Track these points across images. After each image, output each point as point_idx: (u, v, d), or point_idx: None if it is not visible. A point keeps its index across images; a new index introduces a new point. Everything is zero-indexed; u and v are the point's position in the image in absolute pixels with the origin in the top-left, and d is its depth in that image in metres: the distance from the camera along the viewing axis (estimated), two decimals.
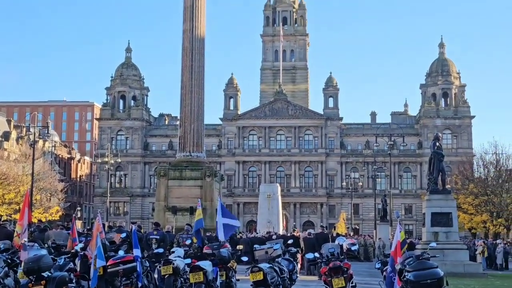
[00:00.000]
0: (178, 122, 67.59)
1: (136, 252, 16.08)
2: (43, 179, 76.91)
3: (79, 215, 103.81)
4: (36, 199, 71.36)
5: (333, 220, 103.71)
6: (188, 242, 23.13)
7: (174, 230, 31.62)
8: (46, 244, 19.94)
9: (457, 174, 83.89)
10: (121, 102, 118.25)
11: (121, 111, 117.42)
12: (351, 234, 60.66)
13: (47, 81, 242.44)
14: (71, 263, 15.19)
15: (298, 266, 25.81)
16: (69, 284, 13.01)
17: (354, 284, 15.04)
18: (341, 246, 17.36)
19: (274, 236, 34.65)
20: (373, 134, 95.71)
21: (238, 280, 18.42)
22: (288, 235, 36.46)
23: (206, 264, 16.37)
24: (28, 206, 19.25)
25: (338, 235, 34.02)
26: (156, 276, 18.29)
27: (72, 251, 17.37)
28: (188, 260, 17.30)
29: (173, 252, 18.77)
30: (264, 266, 15.75)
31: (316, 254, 17.36)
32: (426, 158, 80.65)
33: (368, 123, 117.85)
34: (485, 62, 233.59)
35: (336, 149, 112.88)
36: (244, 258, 18.65)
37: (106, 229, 28.10)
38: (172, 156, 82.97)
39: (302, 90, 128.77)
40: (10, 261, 15.25)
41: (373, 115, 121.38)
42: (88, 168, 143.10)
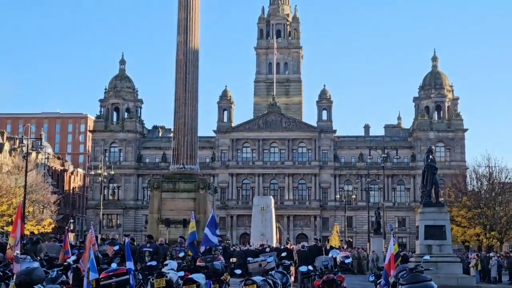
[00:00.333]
0: (171, 134, 67.61)
1: (129, 264, 16.02)
2: (36, 191, 76.59)
3: (71, 228, 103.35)
4: (28, 211, 71.07)
5: (326, 232, 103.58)
6: (181, 254, 23.08)
7: (167, 242, 31.48)
8: (38, 257, 19.85)
9: (450, 187, 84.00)
10: (114, 114, 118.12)
11: (114, 123, 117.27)
12: (345, 247, 60.53)
13: (41, 93, 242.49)
14: (64, 276, 15.12)
15: (292, 279, 25.72)
16: None
17: None
18: (334, 259, 17.36)
19: (268, 249, 34.51)
20: (366, 147, 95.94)
21: None
22: (282, 247, 36.32)
23: (200, 277, 16.32)
24: (20, 218, 19.18)
25: (331, 248, 33.96)
26: None
27: (65, 263, 17.29)
28: (181, 273, 17.25)
29: (166, 264, 18.73)
30: (258, 279, 15.71)
31: (310, 267, 17.35)
32: (419, 171, 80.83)
33: (362, 136, 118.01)
34: (478, 75, 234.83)
35: (329, 161, 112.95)
36: (238, 271, 18.62)
37: (99, 241, 28.01)
38: (166, 168, 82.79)
39: (295, 103, 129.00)
40: (2, 273, 15.19)
41: (366, 127, 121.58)
42: (81, 180, 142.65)
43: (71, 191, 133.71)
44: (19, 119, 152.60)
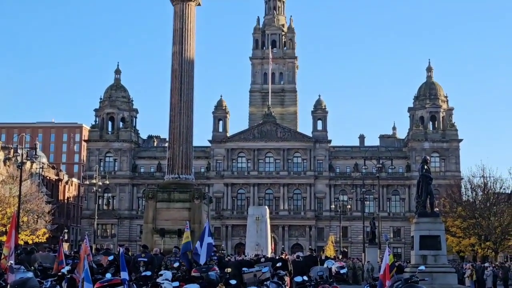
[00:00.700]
0: (166, 144, 67.49)
1: (124, 275, 15.98)
2: (30, 200, 76.34)
3: (66, 237, 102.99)
4: (23, 221, 70.83)
5: (321, 243, 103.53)
6: (176, 265, 23.02)
7: (162, 253, 31.40)
8: (32, 267, 19.80)
9: (445, 197, 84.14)
10: (109, 123, 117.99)
11: (109, 132, 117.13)
12: (340, 257, 60.39)
13: (35, 102, 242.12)
14: (58, 286, 15.07)
15: None
16: None
17: None
18: (330, 269, 17.36)
19: (263, 259, 34.44)
20: (361, 157, 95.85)
21: None
22: (277, 258, 36.26)
23: (194, 287, 16.28)
24: (15, 228, 19.13)
25: (326, 258, 33.98)
26: None
27: (59, 273, 17.24)
28: (176, 283, 17.23)
29: (161, 275, 18.68)
30: None
31: (305, 277, 17.33)
32: (414, 181, 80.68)
33: (357, 146, 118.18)
34: (472, 85, 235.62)
35: (324, 171, 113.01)
36: (233, 281, 18.57)
37: (93, 251, 27.94)
38: (161, 178, 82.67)
39: (291, 113, 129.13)
40: None
41: (361, 138, 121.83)
42: (76, 190, 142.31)
43: (65, 200, 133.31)
44: (14, 129, 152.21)
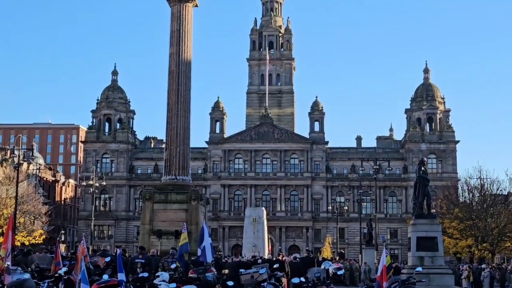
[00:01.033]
0: (163, 145, 67.47)
1: (121, 276, 15.97)
2: (27, 202, 76.19)
3: (63, 239, 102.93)
4: (19, 222, 70.66)
5: (318, 244, 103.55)
6: (173, 266, 22.99)
7: (159, 254, 31.37)
8: (29, 268, 19.77)
9: (442, 199, 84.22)
10: (106, 125, 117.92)
11: (106, 134, 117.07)
12: (337, 258, 60.36)
13: (32, 103, 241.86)
14: (55, 287, 15.04)
15: None
16: None
17: None
18: (327, 271, 17.35)
19: (260, 260, 34.41)
20: (358, 158, 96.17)
21: None
22: (274, 259, 36.26)
23: None
24: (11, 230, 19.10)
25: (323, 259, 33.96)
26: None
27: (56, 275, 17.21)
28: (173, 285, 17.20)
29: (158, 276, 18.66)
30: None
31: (302, 279, 17.31)
32: (411, 183, 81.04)
33: (354, 147, 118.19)
34: (469, 87, 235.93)
35: (321, 173, 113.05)
36: (230, 283, 18.56)
37: (90, 252, 27.87)
38: (158, 179, 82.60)
39: (288, 114, 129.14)
40: None
41: (358, 139, 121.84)
42: (73, 191, 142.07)
43: (62, 202, 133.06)
44: (11, 130, 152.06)
